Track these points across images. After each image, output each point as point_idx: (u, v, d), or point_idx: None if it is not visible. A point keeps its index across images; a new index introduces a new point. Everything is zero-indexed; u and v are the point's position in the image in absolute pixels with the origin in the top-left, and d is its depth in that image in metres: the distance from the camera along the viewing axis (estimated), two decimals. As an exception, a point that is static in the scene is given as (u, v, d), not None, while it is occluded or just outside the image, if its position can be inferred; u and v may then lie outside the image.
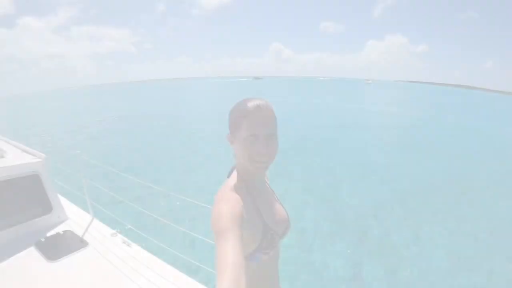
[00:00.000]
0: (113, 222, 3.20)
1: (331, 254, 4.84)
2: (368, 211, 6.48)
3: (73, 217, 2.83)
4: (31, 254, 2.26)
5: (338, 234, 5.45)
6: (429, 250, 5.04)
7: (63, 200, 3.12)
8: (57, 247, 2.32)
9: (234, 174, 1.04)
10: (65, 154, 7.33)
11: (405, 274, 4.40)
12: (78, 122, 21.69)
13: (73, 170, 3.54)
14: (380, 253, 4.89)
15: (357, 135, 15.45)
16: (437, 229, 5.74)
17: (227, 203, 0.89)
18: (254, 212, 0.98)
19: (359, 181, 8.52)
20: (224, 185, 1.02)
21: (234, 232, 0.80)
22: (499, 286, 4.19)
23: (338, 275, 4.32)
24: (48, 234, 2.50)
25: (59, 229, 2.59)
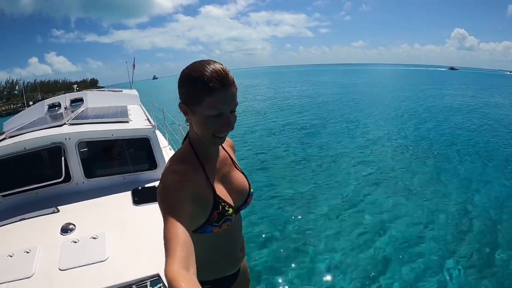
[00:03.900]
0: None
1: None
2: None
3: None
4: (125, 196, 2.81)
5: None
6: None
7: None
8: (144, 196, 2.80)
9: (186, 144, 0.99)
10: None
11: None
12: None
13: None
14: None
15: None
16: None
17: (175, 175, 0.87)
18: (204, 184, 0.94)
19: None
20: (174, 155, 0.99)
21: (182, 208, 0.79)
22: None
23: None
24: (146, 185, 3.02)
25: (157, 183, 3.05)
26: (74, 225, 2.30)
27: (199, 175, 0.93)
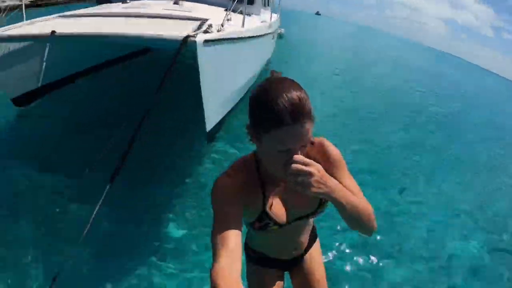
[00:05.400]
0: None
1: None
2: None
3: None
4: (220, 9, 4.27)
5: None
6: None
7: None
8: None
9: (252, 154, 0.94)
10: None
11: None
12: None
13: None
14: None
15: None
16: None
17: (232, 182, 0.86)
18: (256, 199, 0.92)
19: None
20: (238, 160, 0.95)
21: (233, 213, 0.80)
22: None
23: None
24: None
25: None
26: (182, 4, 3.99)
27: (254, 189, 0.92)
